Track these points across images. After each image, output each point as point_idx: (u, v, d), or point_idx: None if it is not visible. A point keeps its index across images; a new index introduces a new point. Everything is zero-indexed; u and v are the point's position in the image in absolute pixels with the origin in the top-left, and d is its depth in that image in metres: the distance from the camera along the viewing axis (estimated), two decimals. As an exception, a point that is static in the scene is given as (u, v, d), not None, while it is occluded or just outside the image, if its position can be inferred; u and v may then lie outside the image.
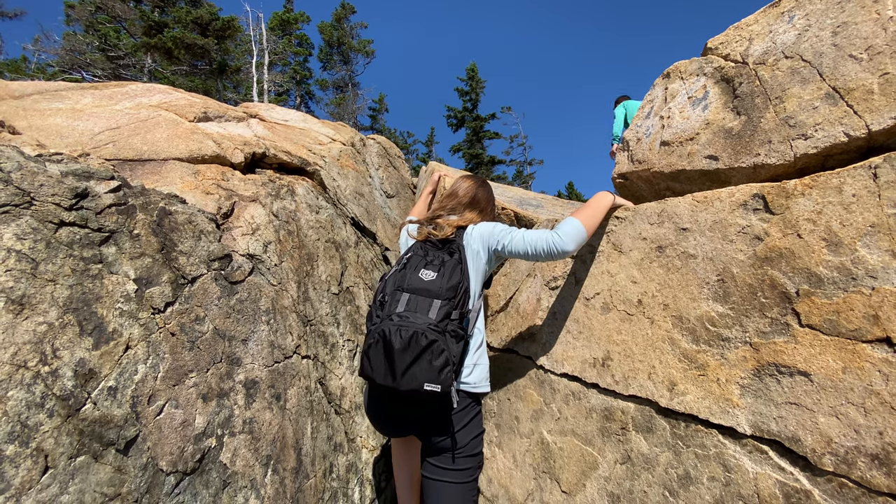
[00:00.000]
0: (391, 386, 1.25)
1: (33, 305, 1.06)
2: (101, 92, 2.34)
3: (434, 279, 1.38)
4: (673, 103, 1.61)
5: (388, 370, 1.26)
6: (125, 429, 1.11)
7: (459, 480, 1.39)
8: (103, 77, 13.81)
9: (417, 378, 1.23)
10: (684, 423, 1.14)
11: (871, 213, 0.92)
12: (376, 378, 1.28)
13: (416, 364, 1.24)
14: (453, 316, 1.34)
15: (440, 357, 1.25)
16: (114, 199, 1.34)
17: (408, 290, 1.38)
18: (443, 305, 1.33)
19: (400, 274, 1.44)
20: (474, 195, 1.74)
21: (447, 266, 1.42)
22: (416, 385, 1.23)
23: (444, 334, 1.29)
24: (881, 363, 0.84)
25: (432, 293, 1.35)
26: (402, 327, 1.27)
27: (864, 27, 1.10)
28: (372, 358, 1.29)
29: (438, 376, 1.23)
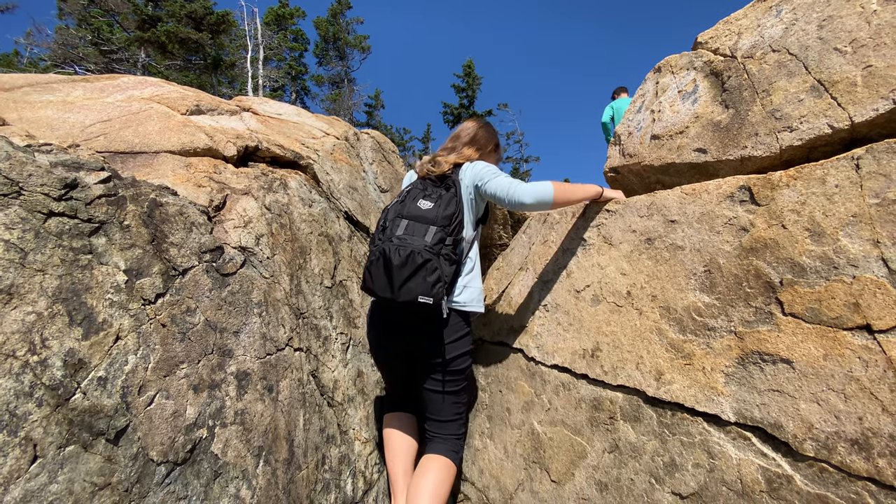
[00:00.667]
0: (389, 297, 1.42)
1: (22, 295, 1.06)
2: (92, 84, 2.33)
3: (430, 208, 1.54)
4: (664, 97, 1.62)
5: (387, 284, 1.43)
6: (115, 419, 1.11)
7: (447, 390, 1.61)
8: (96, 71, 13.68)
9: (412, 291, 1.38)
10: (670, 412, 1.16)
11: (853, 203, 0.94)
12: (376, 290, 1.45)
13: (412, 279, 1.39)
14: (447, 241, 1.49)
15: (433, 274, 1.40)
16: (104, 189, 1.33)
17: (406, 216, 1.54)
18: (437, 231, 1.48)
19: (400, 204, 1.61)
20: (474, 135, 1.86)
21: (443, 198, 1.57)
22: (411, 297, 1.38)
23: (438, 256, 1.44)
24: (861, 350, 0.86)
25: (428, 220, 1.51)
26: (400, 247, 1.43)
27: (849, 20, 1.11)
28: (373, 273, 1.47)
29: (431, 290, 1.38)
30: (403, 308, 1.48)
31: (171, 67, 13.59)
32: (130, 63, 14.40)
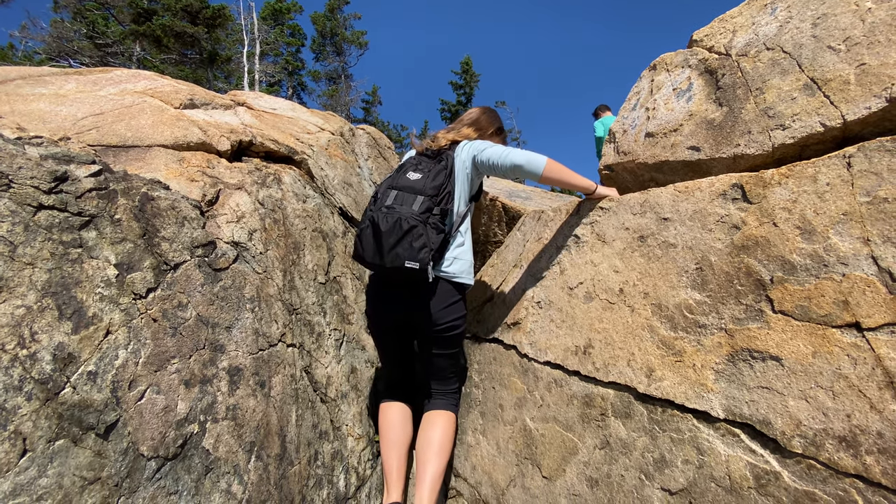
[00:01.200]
0: (378, 264, 1.51)
1: (11, 288, 1.05)
2: (85, 77, 2.30)
3: (419, 179, 1.62)
4: (658, 95, 1.62)
5: (376, 250, 1.50)
6: (105, 413, 1.10)
7: (446, 352, 1.73)
8: (91, 64, 13.56)
9: (400, 257, 1.45)
10: (661, 409, 1.16)
11: (843, 201, 0.94)
12: (366, 256, 1.53)
13: (399, 245, 1.46)
14: (434, 211, 1.55)
15: (419, 240, 1.46)
16: (94, 183, 1.32)
17: (396, 187, 1.61)
18: (425, 201, 1.54)
19: (393, 177, 1.69)
20: (477, 118, 1.96)
21: (433, 170, 1.65)
22: (398, 263, 1.45)
23: (425, 224, 1.51)
24: (850, 347, 0.86)
25: (416, 190, 1.58)
26: (388, 215, 1.51)
27: (843, 18, 1.11)
28: (363, 240, 1.55)
29: (417, 255, 1.45)
30: (394, 276, 1.57)
31: (167, 61, 13.49)
32: (125, 57, 14.27)
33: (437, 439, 1.63)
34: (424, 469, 1.57)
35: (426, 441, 1.63)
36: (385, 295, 1.71)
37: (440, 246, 1.56)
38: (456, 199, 1.69)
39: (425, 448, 1.62)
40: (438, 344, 1.71)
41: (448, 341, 1.71)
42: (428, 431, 1.67)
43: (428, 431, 1.67)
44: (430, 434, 1.65)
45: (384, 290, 1.71)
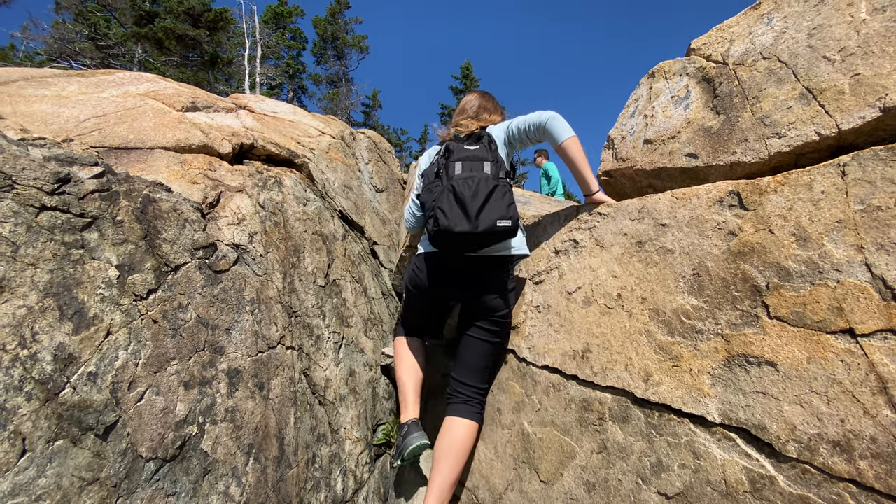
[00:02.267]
0: (467, 231, 1.44)
1: (13, 289, 1.06)
2: (87, 79, 2.32)
3: (479, 148, 1.64)
4: (657, 102, 1.64)
5: (463, 216, 1.45)
6: (105, 414, 1.11)
7: (490, 339, 1.70)
8: (92, 66, 13.59)
9: (490, 217, 1.44)
10: (658, 413, 1.17)
11: (838, 209, 0.96)
12: (454, 226, 1.45)
13: (486, 205, 1.45)
14: (500, 174, 1.56)
15: (505, 196, 1.48)
16: (97, 184, 1.33)
17: (459, 158, 1.60)
18: (491, 165, 1.57)
19: (444, 156, 1.66)
20: (482, 104, 1.97)
21: (483, 140, 1.68)
22: (490, 223, 1.43)
23: (504, 184, 1.52)
24: (844, 353, 0.87)
25: (480, 157, 1.59)
26: (467, 179, 1.50)
27: (838, 29, 1.13)
28: (446, 209, 1.48)
29: (507, 211, 1.45)
30: (480, 241, 1.51)
31: (168, 64, 13.53)
32: (127, 59, 14.31)
33: (453, 451, 1.58)
34: (436, 477, 1.55)
35: (443, 449, 1.59)
36: (444, 273, 1.71)
37: None
38: (506, 160, 1.76)
39: (440, 457, 1.58)
40: (487, 328, 1.69)
41: (496, 326, 1.71)
42: (446, 438, 1.61)
43: (446, 438, 1.61)
44: (446, 443, 1.60)
45: (445, 269, 1.71)
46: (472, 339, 1.72)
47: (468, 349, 1.73)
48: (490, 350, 1.73)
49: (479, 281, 1.66)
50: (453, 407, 1.70)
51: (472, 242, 1.51)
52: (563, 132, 1.61)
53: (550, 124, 1.62)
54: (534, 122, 1.65)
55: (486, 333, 1.71)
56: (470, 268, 1.66)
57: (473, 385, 1.72)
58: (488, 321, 1.69)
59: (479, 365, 1.73)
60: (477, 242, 1.52)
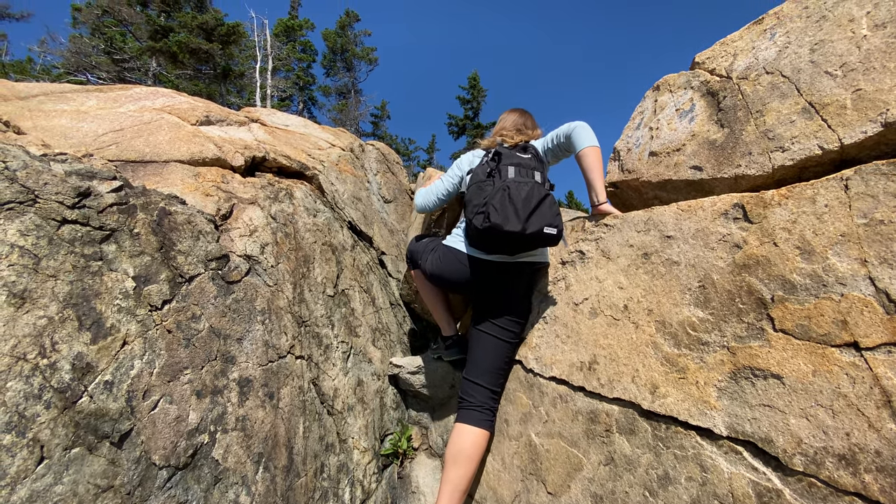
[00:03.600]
0: (516, 231, 1.48)
1: (34, 300, 1.10)
2: (105, 94, 2.39)
3: (530, 158, 1.73)
4: (662, 115, 1.66)
5: (515, 216, 1.49)
6: (120, 422, 1.14)
7: (509, 339, 1.75)
8: (108, 79, 13.92)
9: (539, 222, 1.49)
10: (665, 425, 1.17)
11: (841, 222, 0.96)
12: (504, 224, 1.49)
13: (537, 210, 1.50)
14: (548, 186, 1.65)
15: (554, 206, 1.54)
16: (115, 198, 1.38)
17: (512, 164, 1.68)
18: (541, 175, 1.65)
19: (493, 161, 1.73)
20: (524, 121, 2.06)
21: (531, 151, 1.78)
22: (538, 228, 1.48)
23: (552, 195, 1.60)
24: (848, 367, 0.88)
25: (531, 166, 1.68)
26: (521, 183, 1.56)
27: (840, 45, 1.15)
28: (499, 207, 1.52)
29: (555, 220, 1.50)
30: (525, 244, 1.56)
31: (182, 76, 13.82)
32: (141, 72, 14.65)
33: (462, 457, 1.61)
34: (446, 483, 1.58)
35: (452, 455, 1.62)
36: (481, 271, 1.76)
37: None
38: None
39: (450, 463, 1.61)
40: (508, 325, 1.75)
41: (518, 324, 1.77)
42: (456, 445, 1.64)
43: (456, 445, 1.64)
44: (455, 450, 1.63)
45: (481, 267, 1.75)
46: (489, 336, 1.75)
47: (483, 348, 1.76)
48: (506, 350, 1.75)
49: (511, 283, 1.75)
50: (464, 413, 1.71)
51: (516, 243, 1.56)
52: (584, 141, 1.66)
53: (576, 132, 1.69)
54: (563, 132, 1.74)
55: (505, 333, 1.74)
56: (506, 270, 1.74)
57: (486, 386, 1.73)
58: (509, 321, 1.75)
59: (493, 365, 1.74)
60: (521, 244, 1.57)
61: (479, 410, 1.70)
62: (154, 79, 14.42)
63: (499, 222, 1.50)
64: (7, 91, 2.20)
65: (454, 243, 1.84)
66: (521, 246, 1.58)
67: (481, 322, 1.78)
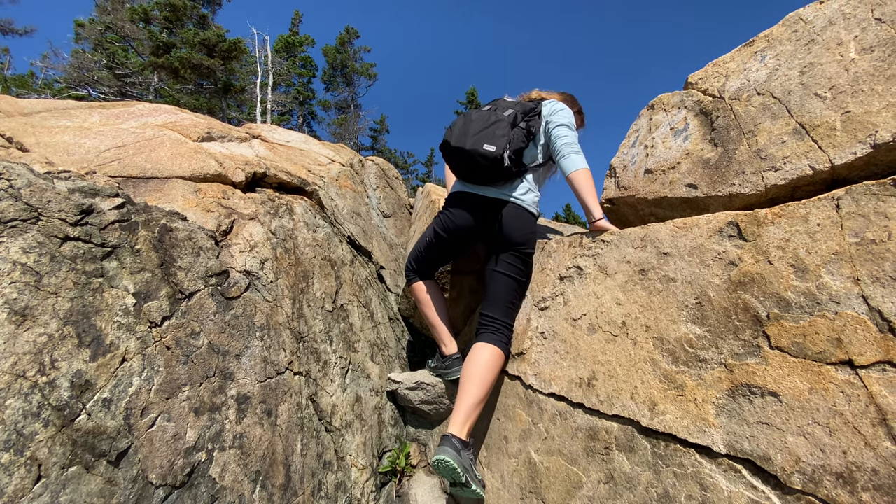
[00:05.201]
0: (460, 146, 1.72)
1: (35, 317, 1.10)
2: (108, 111, 2.42)
3: (514, 101, 1.97)
4: (657, 133, 1.69)
5: (462, 135, 1.73)
6: (117, 440, 1.13)
7: (510, 274, 1.85)
8: (109, 94, 14.06)
9: (480, 141, 1.70)
10: (664, 443, 1.17)
11: (834, 241, 0.98)
12: (451, 140, 1.76)
13: (484, 131, 1.71)
14: (521, 124, 1.82)
15: (502, 129, 1.72)
16: (117, 215, 1.39)
17: (493, 101, 1.98)
18: (513, 112, 1.82)
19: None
20: (564, 95, 2.16)
21: (523, 103, 1.94)
22: (477, 145, 1.69)
23: (512, 126, 1.77)
24: (844, 385, 0.88)
25: (510, 105, 1.89)
26: (481, 111, 1.82)
27: (829, 68, 1.18)
28: (454, 128, 1.79)
29: (496, 140, 1.69)
30: (469, 157, 1.74)
31: (183, 91, 13.97)
32: (143, 87, 14.80)
33: (477, 372, 1.71)
34: (462, 398, 1.67)
35: (469, 372, 1.73)
36: (470, 208, 1.91)
37: (516, 173, 1.82)
38: (539, 143, 1.94)
39: (466, 380, 1.71)
40: (508, 262, 1.84)
41: (520, 259, 1.85)
42: (471, 363, 1.75)
43: (471, 363, 1.75)
44: (471, 366, 1.74)
45: (468, 205, 1.92)
46: (498, 273, 1.87)
47: (494, 283, 1.88)
48: (513, 285, 1.86)
49: (497, 221, 1.86)
50: (481, 335, 1.82)
51: (465, 161, 1.76)
52: (576, 162, 1.74)
53: (564, 162, 1.77)
54: (556, 146, 1.82)
55: (510, 268, 1.85)
56: (485, 205, 1.89)
57: (500, 318, 1.83)
58: (512, 256, 1.84)
59: (503, 298, 1.85)
60: (469, 163, 1.76)
61: (495, 333, 1.80)
62: (155, 93, 14.57)
63: (448, 139, 1.75)
64: (10, 107, 2.23)
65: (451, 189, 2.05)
66: (471, 168, 1.76)
67: (490, 261, 1.91)
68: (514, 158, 1.75)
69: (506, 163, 1.70)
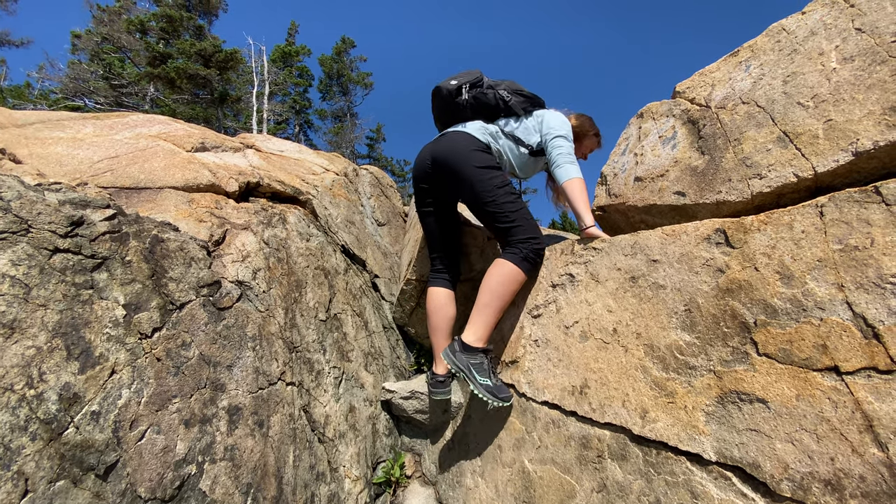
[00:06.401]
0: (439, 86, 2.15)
1: (23, 329, 1.09)
2: (102, 122, 2.43)
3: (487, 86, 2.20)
4: (646, 141, 1.71)
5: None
6: (106, 454, 1.12)
7: (486, 208, 1.88)
8: (105, 104, 14.08)
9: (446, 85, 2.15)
10: (655, 451, 1.17)
11: (818, 248, 0.99)
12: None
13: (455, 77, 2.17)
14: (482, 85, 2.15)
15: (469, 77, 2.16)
16: (108, 226, 1.39)
17: None
18: (473, 81, 2.16)
19: None
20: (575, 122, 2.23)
21: (502, 89, 2.15)
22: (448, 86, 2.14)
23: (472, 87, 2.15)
24: (830, 391, 0.89)
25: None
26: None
27: (811, 77, 1.20)
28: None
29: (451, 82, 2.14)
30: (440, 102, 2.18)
31: (179, 101, 14.00)
32: (139, 97, 14.84)
33: (488, 286, 1.76)
34: (476, 306, 1.76)
35: (483, 283, 1.78)
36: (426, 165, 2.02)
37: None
38: (520, 123, 2.08)
39: (482, 289, 1.77)
40: (476, 200, 1.87)
41: (484, 194, 1.85)
42: (487, 275, 1.80)
43: (487, 275, 1.80)
44: (487, 278, 1.79)
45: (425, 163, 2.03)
46: (476, 213, 1.94)
47: (483, 222, 1.96)
48: (495, 212, 1.84)
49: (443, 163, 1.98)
50: (502, 253, 1.83)
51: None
52: (569, 172, 1.79)
53: (557, 172, 1.83)
54: (551, 156, 1.88)
55: (476, 207, 1.91)
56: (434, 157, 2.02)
57: (512, 242, 1.81)
58: (469, 196, 1.90)
59: (501, 223, 1.83)
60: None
61: (510, 250, 1.80)
62: (151, 103, 14.61)
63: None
64: (4, 119, 2.23)
65: None
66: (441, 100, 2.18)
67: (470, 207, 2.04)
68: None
69: (464, 95, 2.13)
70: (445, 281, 2.12)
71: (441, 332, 2.04)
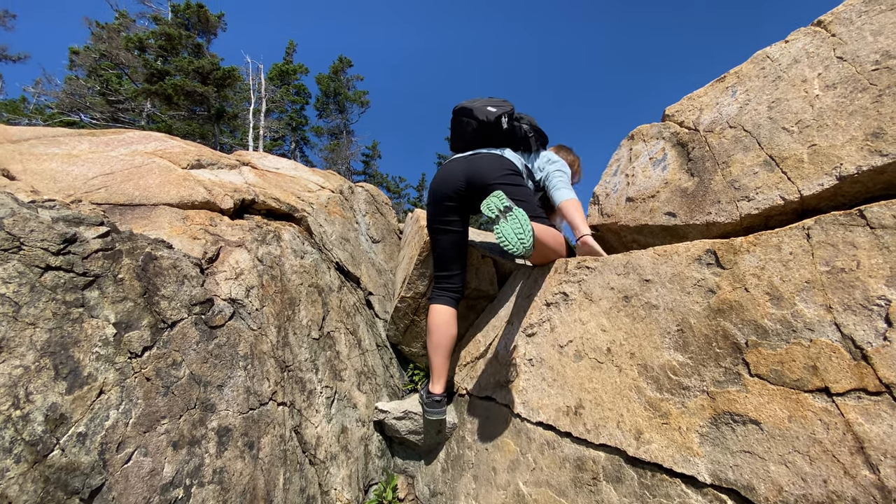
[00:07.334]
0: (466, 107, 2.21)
1: (11, 349, 1.08)
2: (98, 138, 2.43)
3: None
4: (637, 163, 1.74)
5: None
6: (91, 477, 1.09)
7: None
8: (101, 119, 14.12)
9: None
10: (650, 473, 1.16)
11: (806, 269, 1.01)
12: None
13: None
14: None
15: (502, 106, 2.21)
16: (101, 244, 1.38)
17: None
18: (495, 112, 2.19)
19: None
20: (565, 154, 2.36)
21: (518, 121, 2.24)
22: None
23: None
24: (821, 412, 0.89)
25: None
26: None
27: (795, 103, 1.24)
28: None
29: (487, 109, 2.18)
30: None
31: (175, 117, 14.08)
32: (136, 113, 14.90)
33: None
34: None
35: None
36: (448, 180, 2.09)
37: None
38: (532, 159, 2.16)
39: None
40: None
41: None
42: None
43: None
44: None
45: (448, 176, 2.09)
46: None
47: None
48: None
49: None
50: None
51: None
52: (562, 196, 1.88)
53: (554, 194, 1.93)
54: (551, 182, 1.97)
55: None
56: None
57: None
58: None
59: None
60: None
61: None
62: (148, 119, 14.67)
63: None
64: (-1, 135, 2.23)
65: None
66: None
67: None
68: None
69: (504, 125, 2.11)
70: (450, 299, 2.11)
71: (442, 350, 2.03)
